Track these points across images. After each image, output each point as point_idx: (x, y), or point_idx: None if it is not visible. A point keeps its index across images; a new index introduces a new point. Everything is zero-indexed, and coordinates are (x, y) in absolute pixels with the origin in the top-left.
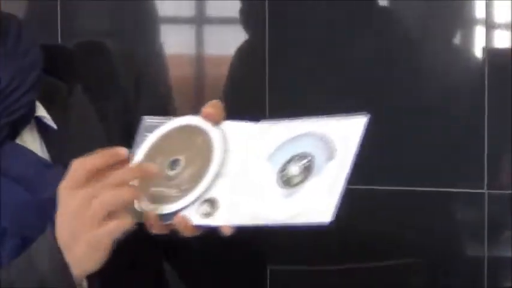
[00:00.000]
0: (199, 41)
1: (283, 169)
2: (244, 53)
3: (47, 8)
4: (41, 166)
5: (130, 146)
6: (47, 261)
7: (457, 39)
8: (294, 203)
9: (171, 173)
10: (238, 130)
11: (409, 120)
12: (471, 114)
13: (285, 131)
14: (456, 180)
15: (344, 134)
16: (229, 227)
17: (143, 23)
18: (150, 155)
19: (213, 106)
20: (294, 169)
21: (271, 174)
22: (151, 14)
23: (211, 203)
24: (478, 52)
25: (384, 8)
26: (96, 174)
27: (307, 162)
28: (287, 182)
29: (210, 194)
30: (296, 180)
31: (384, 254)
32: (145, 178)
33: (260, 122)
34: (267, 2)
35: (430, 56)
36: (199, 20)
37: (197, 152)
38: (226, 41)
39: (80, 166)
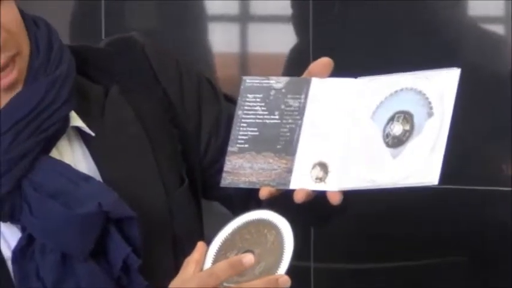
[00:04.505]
0: (244, 39)
1: (387, 128)
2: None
3: (91, 7)
4: (77, 180)
5: (172, 146)
6: None
7: (484, 35)
8: (400, 164)
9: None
10: (338, 86)
11: None
12: (497, 111)
13: (384, 87)
14: (487, 178)
15: (439, 88)
16: (338, 195)
17: (188, 21)
18: (223, 249)
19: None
20: (397, 128)
21: (377, 133)
22: (196, 12)
23: (323, 166)
24: (505, 47)
25: (427, 9)
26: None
27: (409, 120)
28: (391, 141)
29: (320, 158)
30: (400, 139)
31: (427, 252)
32: None
33: (359, 78)
34: (311, 2)
35: (464, 53)
36: (244, 18)
37: (269, 249)
38: (271, 39)
39: (214, 278)
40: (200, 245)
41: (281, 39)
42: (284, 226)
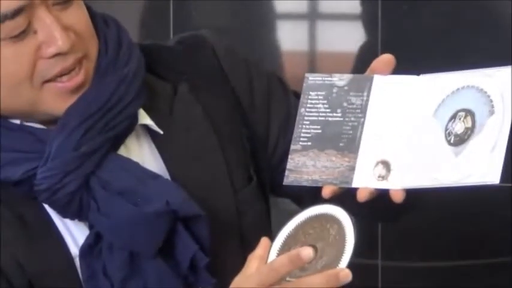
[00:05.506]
0: (313, 38)
1: (449, 126)
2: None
3: (160, 5)
4: (145, 178)
5: (241, 145)
6: None
7: None
8: (462, 163)
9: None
10: (400, 83)
11: None
12: None
13: (445, 85)
14: None
15: (500, 86)
16: (401, 193)
17: (256, 20)
18: (287, 244)
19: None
20: (459, 126)
21: (439, 131)
22: (264, 10)
23: (385, 164)
24: None
25: (495, 8)
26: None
27: (470, 118)
28: (453, 139)
29: (383, 156)
30: (461, 138)
31: (496, 250)
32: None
33: (421, 76)
34: (380, 1)
35: None
36: (313, 16)
37: (331, 243)
38: (340, 37)
39: (274, 273)
40: (264, 240)
41: (350, 38)
42: (346, 220)
